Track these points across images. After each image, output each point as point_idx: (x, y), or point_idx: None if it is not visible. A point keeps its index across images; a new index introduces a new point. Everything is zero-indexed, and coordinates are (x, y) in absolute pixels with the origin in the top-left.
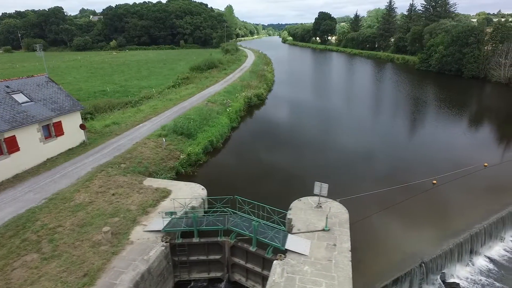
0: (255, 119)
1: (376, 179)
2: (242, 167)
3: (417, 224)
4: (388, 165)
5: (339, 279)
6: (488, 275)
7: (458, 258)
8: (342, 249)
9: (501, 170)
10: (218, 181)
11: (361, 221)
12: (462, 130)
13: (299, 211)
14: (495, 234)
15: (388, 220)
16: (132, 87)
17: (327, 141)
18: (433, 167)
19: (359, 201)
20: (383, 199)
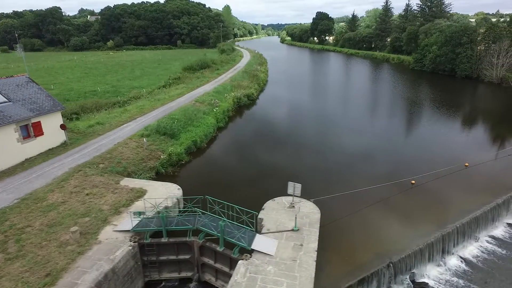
0: (244, 120)
1: (355, 179)
2: (223, 167)
3: (390, 224)
4: (368, 164)
5: (301, 279)
6: (459, 275)
7: (429, 258)
8: (308, 249)
9: (481, 170)
10: (198, 181)
11: (334, 221)
12: (447, 130)
13: (271, 211)
14: (469, 234)
15: (361, 220)
16: (123, 87)
17: (312, 141)
18: (414, 167)
19: (334, 201)
20: (359, 199)
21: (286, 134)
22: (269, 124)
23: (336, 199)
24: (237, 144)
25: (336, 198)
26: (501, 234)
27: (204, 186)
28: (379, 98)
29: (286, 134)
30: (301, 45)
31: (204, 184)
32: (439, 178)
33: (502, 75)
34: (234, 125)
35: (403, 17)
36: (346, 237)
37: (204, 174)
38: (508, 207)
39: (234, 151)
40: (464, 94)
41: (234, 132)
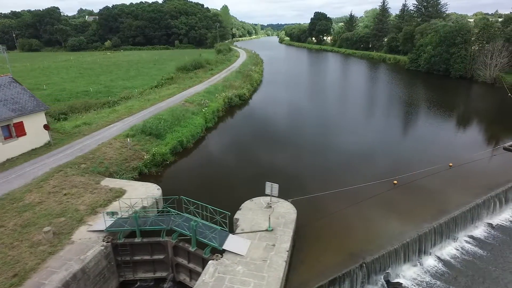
0: (234, 119)
1: (337, 179)
2: (208, 167)
3: (367, 224)
4: (352, 164)
5: (269, 279)
6: (435, 276)
7: (406, 258)
8: (280, 249)
9: (464, 170)
10: (181, 181)
11: (312, 221)
12: (435, 130)
13: (248, 211)
14: (447, 234)
15: (338, 221)
16: (116, 87)
17: (299, 140)
18: (398, 167)
19: (313, 201)
20: (339, 199)
21: (274, 134)
22: (259, 124)
23: (316, 199)
24: (224, 144)
25: (316, 198)
26: (480, 234)
27: (187, 186)
28: (371, 98)
29: (274, 134)
30: (299, 45)
31: (187, 184)
32: (422, 178)
33: (495, 75)
34: (223, 125)
35: (399, 17)
36: (322, 237)
37: (188, 174)
38: (488, 207)
39: (220, 151)
40: (456, 94)
41: (223, 132)
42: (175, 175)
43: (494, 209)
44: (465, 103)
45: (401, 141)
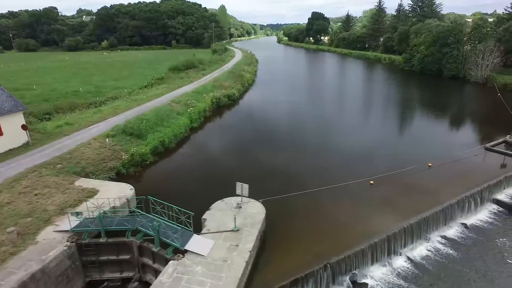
0: (221, 120)
1: (313, 179)
2: (188, 167)
3: (338, 225)
4: (331, 164)
5: (226, 279)
6: (404, 276)
7: (374, 259)
8: (243, 249)
9: (443, 170)
10: (158, 181)
11: (282, 221)
12: (419, 130)
13: (217, 212)
14: (419, 234)
15: (309, 221)
16: (106, 87)
17: (281, 140)
18: (377, 166)
19: (286, 201)
20: (312, 199)
21: (258, 133)
22: (245, 124)
23: (289, 199)
24: (206, 145)
25: (289, 198)
26: (454, 235)
27: (164, 185)
28: (360, 98)
29: (258, 134)
30: (297, 45)
31: (165, 184)
32: (399, 178)
33: (486, 75)
34: (209, 125)
35: (395, 17)
36: (291, 238)
37: (166, 174)
38: (463, 208)
39: (202, 151)
40: (446, 94)
41: (208, 132)
42: (153, 175)
43: (469, 209)
44: (454, 103)
45: (383, 141)
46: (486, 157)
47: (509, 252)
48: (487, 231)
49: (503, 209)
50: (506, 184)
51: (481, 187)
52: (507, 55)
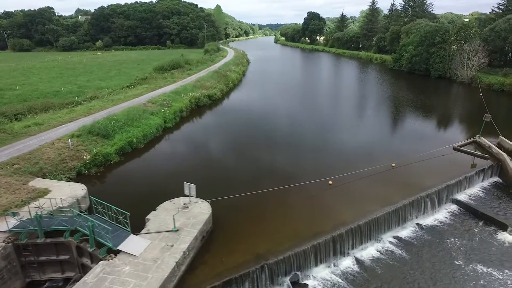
0: (198, 120)
1: (272, 179)
2: (152, 167)
3: (287, 226)
4: (293, 163)
5: (151, 280)
6: (349, 277)
7: (319, 259)
8: (176, 250)
9: (406, 170)
10: (118, 181)
11: (229, 221)
12: (393, 129)
13: (163, 212)
14: (369, 235)
15: (258, 221)
16: (89, 87)
17: (252, 142)
18: (339, 166)
19: (239, 201)
20: (266, 199)
21: (232, 134)
22: (221, 124)
23: (242, 199)
24: (177, 145)
25: (242, 198)
26: (407, 235)
27: (123, 185)
28: (341, 98)
29: (232, 135)
30: (293, 45)
31: (124, 184)
32: (360, 178)
33: (472, 75)
34: (185, 125)
35: (388, 17)
36: (236, 238)
37: (129, 174)
38: (418, 208)
39: (170, 151)
40: (430, 93)
41: (182, 132)
42: (115, 175)
43: (426, 210)
44: (435, 103)
45: (353, 140)
46: (453, 157)
47: (458, 253)
48: (441, 232)
49: (462, 209)
50: (467, 184)
51: (439, 187)
52: (493, 55)
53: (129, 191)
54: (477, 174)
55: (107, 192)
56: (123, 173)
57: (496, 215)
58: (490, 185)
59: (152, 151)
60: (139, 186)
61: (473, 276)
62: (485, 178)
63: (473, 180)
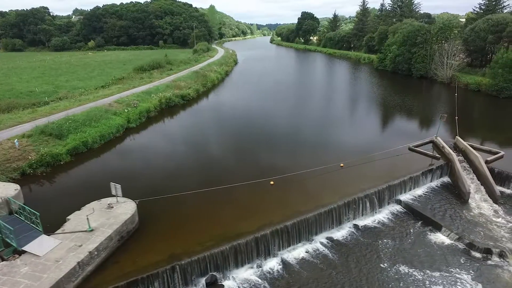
0: (166, 120)
1: (213, 178)
2: (100, 168)
3: (215, 226)
4: (240, 163)
5: (45, 280)
6: (271, 279)
7: (241, 260)
8: (83, 250)
9: (354, 170)
10: (62, 182)
11: (158, 221)
12: (352, 129)
13: (87, 212)
14: (300, 236)
15: (186, 222)
16: (65, 87)
17: (216, 143)
18: (286, 166)
19: (172, 201)
20: (201, 199)
21: (193, 135)
22: (189, 124)
23: (178, 199)
24: (135, 145)
25: (177, 198)
26: (341, 236)
27: (66, 186)
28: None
29: (193, 136)
30: (287, 45)
31: (67, 184)
32: (305, 178)
33: (451, 75)
34: (150, 125)
35: (377, 17)
36: (157, 238)
37: (76, 174)
38: (356, 209)
39: (126, 152)
40: (407, 94)
41: (145, 133)
42: (61, 176)
43: (364, 211)
44: (408, 102)
45: (308, 139)
46: (406, 157)
47: (387, 254)
48: (377, 233)
49: (404, 210)
50: (413, 184)
51: (379, 188)
52: (473, 55)
53: (69, 191)
54: (424, 174)
55: (47, 192)
56: (71, 173)
57: (433, 216)
58: (438, 186)
59: (107, 152)
60: (81, 186)
61: (394, 277)
62: (434, 179)
63: (419, 180)
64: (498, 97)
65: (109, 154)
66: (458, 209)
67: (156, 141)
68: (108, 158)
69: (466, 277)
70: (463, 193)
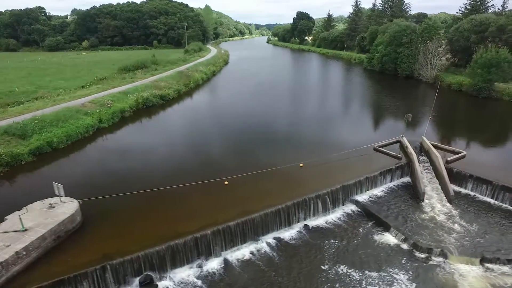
0: (141, 120)
1: (174, 177)
2: (60, 168)
3: (156, 226)
4: (194, 162)
5: None
6: (209, 280)
7: (181, 260)
8: (9, 250)
9: (313, 170)
10: (17, 181)
11: (103, 221)
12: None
13: (31, 211)
14: (244, 236)
15: (132, 221)
16: (47, 88)
17: (177, 144)
18: (246, 166)
19: (117, 201)
20: (150, 200)
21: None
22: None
23: (123, 199)
24: (103, 145)
25: (122, 198)
26: (290, 237)
27: (20, 185)
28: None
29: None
30: (283, 45)
31: (22, 184)
32: (262, 179)
33: (435, 75)
34: (124, 125)
35: (369, 17)
36: (95, 238)
37: (35, 174)
38: (306, 209)
39: (92, 151)
40: (388, 93)
41: (117, 132)
42: (20, 176)
43: (316, 211)
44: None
45: (273, 139)
46: (369, 157)
47: (331, 255)
48: (326, 233)
49: (358, 210)
50: (370, 185)
51: (332, 188)
52: (458, 55)
53: (21, 191)
54: (382, 174)
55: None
56: (29, 173)
57: (384, 216)
58: (398, 186)
59: (73, 152)
60: (36, 186)
61: (332, 278)
62: (394, 179)
63: (377, 180)
64: (478, 97)
65: (73, 154)
66: (411, 210)
67: (124, 141)
68: (71, 158)
69: (403, 277)
70: (419, 193)
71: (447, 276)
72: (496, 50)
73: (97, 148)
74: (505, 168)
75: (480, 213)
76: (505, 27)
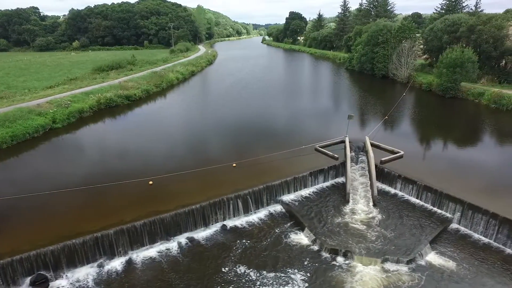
0: (101, 120)
1: (97, 176)
2: None
3: (66, 226)
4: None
5: None
6: (107, 279)
7: (81, 259)
8: None
9: (244, 170)
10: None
11: (14, 223)
12: (274, 127)
13: None
14: (154, 235)
15: (42, 221)
16: (17, 88)
17: (130, 145)
18: (176, 166)
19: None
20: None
21: (122, 135)
22: (122, 124)
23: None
24: (52, 145)
25: (38, 197)
26: (204, 237)
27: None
28: (264, 99)
29: (122, 135)
30: (276, 45)
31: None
32: (190, 179)
33: (408, 75)
34: (81, 126)
35: (355, 16)
36: None
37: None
38: (225, 209)
39: (36, 151)
40: (357, 93)
41: (72, 133)
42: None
43: (237, 211)
44: (350, 101)
45: (213, 138)
46: (308, 157)
47: (237, 256)
48: (241, 234)
49: (283, 211)
50: (298, 185)
51: (255, 188)
52: (432, 55)
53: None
54: (312, 174)
55: None
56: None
57: (302, 216)
58: (330, 186)
59: (16, 152)
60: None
61: (229, 279)
62: (328, 179)
63: (306, 180)
64: (444, 97)
65: (17, 155)
66: (333, 210)
67: (79, 141)
68: (16, 160)
69: (299, 277)
70: (346, 193)
71: (345, 276)
72: (462, 50)
73: (43, 148)
74: (439, 167)
75: (401, 213)
76: (475, 27)
